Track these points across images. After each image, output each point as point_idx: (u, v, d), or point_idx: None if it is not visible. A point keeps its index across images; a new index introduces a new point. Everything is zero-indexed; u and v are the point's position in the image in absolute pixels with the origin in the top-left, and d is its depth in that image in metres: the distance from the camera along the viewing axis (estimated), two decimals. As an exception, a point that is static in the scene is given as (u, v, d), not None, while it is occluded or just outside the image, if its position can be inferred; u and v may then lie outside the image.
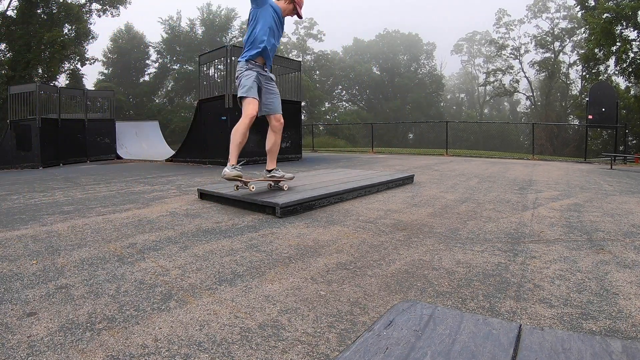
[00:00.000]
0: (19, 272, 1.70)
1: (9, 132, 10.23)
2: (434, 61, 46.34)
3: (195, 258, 1.89)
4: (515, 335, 0.64)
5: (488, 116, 47.16)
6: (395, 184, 4.17)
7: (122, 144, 12.36)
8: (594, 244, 2.11)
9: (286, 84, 8.90)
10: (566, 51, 36.34)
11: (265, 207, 2.85)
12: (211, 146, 7.89)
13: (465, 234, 2.32)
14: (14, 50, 20.94)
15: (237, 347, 1.11)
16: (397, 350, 0.60)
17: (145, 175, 6.07)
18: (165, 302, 1.40)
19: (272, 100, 3.22)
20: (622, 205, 3.31)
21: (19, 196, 4.00)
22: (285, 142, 8.68)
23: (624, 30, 17.46)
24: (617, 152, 9.94)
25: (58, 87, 13.23)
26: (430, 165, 7.50)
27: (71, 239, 2.24)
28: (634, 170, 7.67)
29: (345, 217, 2.76)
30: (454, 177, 5.37)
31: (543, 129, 28.20)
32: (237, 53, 7.88)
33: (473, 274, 1.67)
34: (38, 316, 1.29)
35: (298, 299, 1.43)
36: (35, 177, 6.56)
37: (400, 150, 14.86)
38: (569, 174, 6.19)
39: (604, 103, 10.07)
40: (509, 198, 3.59)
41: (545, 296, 1.44)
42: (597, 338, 0.64)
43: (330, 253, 1.96)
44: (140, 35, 36.17)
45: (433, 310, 0.74)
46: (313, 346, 1.11)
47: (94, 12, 24.35)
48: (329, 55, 43.41)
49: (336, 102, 45.40)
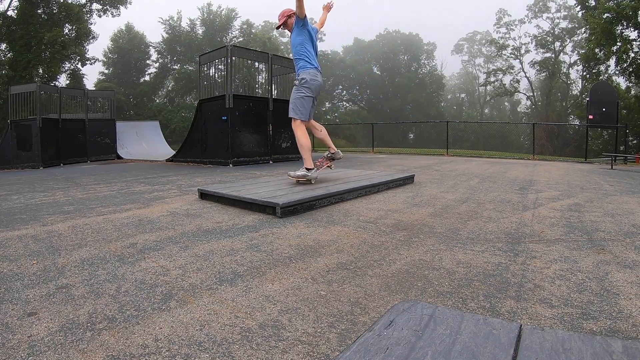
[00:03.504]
0: (19, 272, 1.70)
1: (9, 132, 10.23)
2: (434, 61, 46.36)
3: (196, 258, 1.89)
4: (516, 335, 0.64)
5: (488, 116, 47.15)
6: (396, 184, 4.17)
7: (123, 144, 12.37)
8: (594, 244, 2.11)
9: (286, 83, 8.91)
10: (567, 51, 36.35)
11: (265, 207, 2.85)
12: (212, 146, 7.90)
13: (466, 234, 2.32)
14: (15, 50, 20.96)
15: (237, 347, 1.11)
16: (397, 350, 0.60)
17: (146, 175, 6.07)
18: (165, 302, 1.40)
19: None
20: (623, 205, 3.30)
21: (19, 196, 4.01)
22: (285, 142, 8.68)
23: (625, 30, 17.45)
24: (618, 152, 9.93)
25: (58, 87, 13.22)
26: (431, 165, 7.50)
27: (72, 238, 2.24)
28: (635, 170, 7.66)
29: (346, 217, 2.76)
30: (455, 177, 5.37)
31: (543, 129, 28.18)
32: (237, 53, 7.90)
33: (473, 274, 1.66)
34: (38, 316, 1.29)
35: (298, 299, 1.43)
36: (35, 177, 6.57)
37: (400, 150, 14.85)
38: (570, 174, 6.18)
39: (605, 103, 10.06)
40: (510, 198, 3.59)
41: (545, 296, 1.44)
42: (598, 338, 0.64)
43: (331, 253, 1.96)
44: (141, 35, 36.19)
45: (433, 310, 0.74)
46: (313, 346, 1.11)
47: (95, 12, 24.41)
48: (330, 55, 43.42)
49: (336, 102, 45.41)
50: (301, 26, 3.58)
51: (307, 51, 3.63)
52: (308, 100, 3.61)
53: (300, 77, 3.60)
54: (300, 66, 3.64)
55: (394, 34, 45.98)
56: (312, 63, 3.63)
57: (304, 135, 3.57)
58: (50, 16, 22.16)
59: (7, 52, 21.64)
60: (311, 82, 3.59)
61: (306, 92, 3.60)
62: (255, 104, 8.06)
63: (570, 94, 36.63)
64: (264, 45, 34.20)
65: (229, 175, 5.68)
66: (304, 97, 3.59)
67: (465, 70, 50.58)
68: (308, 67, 3.61)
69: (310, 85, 3.60)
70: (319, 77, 3.68)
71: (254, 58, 8.75)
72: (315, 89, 3.65)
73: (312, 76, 3.60)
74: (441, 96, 46.61)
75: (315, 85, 3.63)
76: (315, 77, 3.62)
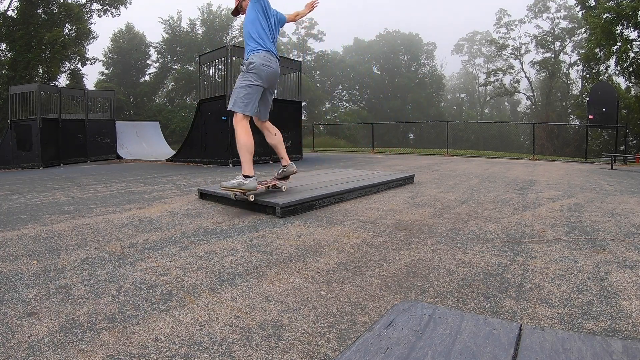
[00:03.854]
0: (19, 272, 1.70)
1: (9, 132, 10.23)
2: (434, 61, 46.39)
3: (196, 258, 1.89)
4: (516, 335, 0.64)
5: (488, 116, 47.13)
6: (396, 184, 4.17)
7: (123, 144, 12.36)
8: (594, 244, 2.11)
9: (286, 83, 8.91)
10: (567, 51, 36.36)
11: (265, 207, 2.85)
12: (212, 146, 7.90)
13: (466, 234, 2.32)
14: (15, 50, 20.96)
15: (237, 347, 1.11)
16: (397, 350, 0.60)
17: (146, 175, 6.07)
18: (165, 302, 1.40)
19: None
20: (623, 205, 3.30)
21: (19, 196, 4.01)
22: (285, 142, 8.65)
23: (625, 30, 17.45)
24: (618, 152, 9.93)
25: (58, 87, 13.22)
26: (431, 165, 7.50)
27: (72, 238, 2.24)
28: (635, 170, 7.66)
29: (346, 217, 2.76)
30: (455, 177, 5.37)
31: (543, 129, 28.17)
32: (237, 53, 7.89)
33: (473, 274, 1.66)
34: (38, 316, 1.29)
35: (298, 299, 1.43)
36: (35, 177, 6.57)
37: (400, 150, 14.85)
38: (570, 174, 6.18)
39: (605, 103, 10.06)
40: (510, 198, 3.59)
41: (545, 296, 1.44)
42: (598, 338, 0.64)
43: (331, 253, 1.96)
44: (141, 35, 36.20)
45: (433, 310, 0.74)
46: (313, 346, 1.11)
47: (95, 12, 24.41)
48: (329, 55, 43.45)
49: (336, 102, 45.44)
50: (255, 1, 2.91)
51: (260, 29, 2.89)
52: (255, 90, 2.85)
53: (248, 61, 2.85)
54: (250, 48, 2.88)
55: (394, 34, 46.00)
56: (265, 45, 2.89)
57: (244, 133, 2.83)
58: (50, 16, 22.17)
59: (7, 52, 21.65)
60: (261, 67, 2.83)
61: (253, 79, 2.83)
62: (255, 104, 8.04)
63: (570, 94, 36.64)
64: (264, 45, 34.13)
65: (229, 175, 5.67)
66: (250, 86, 2.82)
67: (465, 70, 50.59)
68: (259, 49, 2.86)
69: (260, 72, 2.83)
70: (274, 63, 2.93)
71: (254, 58, 8.74)
72: (267, 78, 2.89)
73: (263, 60, 2.84)
74: (441, 96, 46.62)
75: (267, 73, 2.87)
76: (268, 63, 2.87)
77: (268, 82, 2.93)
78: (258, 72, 2.84)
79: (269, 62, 2.88)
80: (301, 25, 41.96)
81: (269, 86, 3.00)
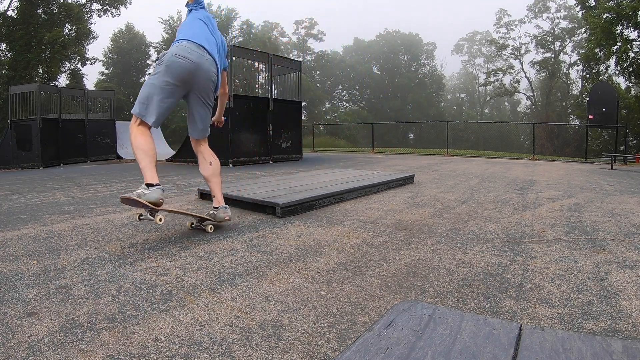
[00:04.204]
0: (19, 272, 1.70)
1: (9, 132, 10.22)
2: (434, 61, 46.41)
3: (196, 258, 1.89)
4: (516, 335, 0.64)
5: (488, 116, 47.12)
6: (396, 184, 4.17)
7: (123, 144, 12.35)
8: (594, 244, 2.11)
9: (286, 83, 8.91)
10: (567, 51, 36.37)
11: (265, 207, 2.85)
12: (211, 146, 7.87)
13: (466, 234, 2.32)
14: (15, 50, 20.95)
15: (237, 347, 1.11)
16: (397, 350, 0.60)
17: (146, 175, 6.06)
18: (165, 302, 1.40)
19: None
20: (623, 205, 3.30)
21: (19, 196, 4.01)
22: (285, 142, 8.68)
23: (625, 30, 17.44)
24: (618, 152, 9.94)
25: (58, 87, 13.22)
26: (431, 165, 7.50)
27: (72, 239, 2.24)
28: (635, 170, 7.66)
29: (346, 217, 2.76)
30: (455, 177, 5.37)
31: (543, 129, 28.17)
32: (237, 53, 7.90)
33: (473, 274, 1.66)
34: (38, 316, 1.29)
35: (298, 299, 1.43)
36: (35, 177, 6.56)
37: (400, 150, 14.85)
38: (570, 174, 6.18)
39: (605, 103, 10.06)
40: (510, 198, 3.59)
41: (545, 296, 1.44)
42: (598, 338, 0.64)
43: (331, 253, 1.96)
44: (141, 35, 36.21)
45: (433, 310, 0.74)
46: (313, 346, 1.11)
47: (95, 12, 24.38)
48: (329, 55, 43.45)
49: (336, 102, 45.45)
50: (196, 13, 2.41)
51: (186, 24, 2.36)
52: (159, 90, 2.12)
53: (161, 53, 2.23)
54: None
55: (394, 34, 46.00)
56: (186, 36, 2.24)
57: (141, 136, 2.14)
58: (50, 16, 22.16)
59: (7, 52, 21.63)
60: (172, 58, 2.12)
61: (160, 75, 2.12)
62: (255, 104, 8.06)
63: (570, 94, 36.65)
64: (264, 45, 34.22)
65: (229, 175, 5.68)
66: (154, 84, 2.13)
67: (465, 70, 50.57)
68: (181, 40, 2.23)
69: (170, 64, 2.11)
70: (196, 56, 2.16)
71: (254, 58, 8.75)
72: (180, 74, 2.13)
73: (178, 50, 2.14)
74: (441, 96, 46.63)
75: (181, 67, 2.12)
76: (185, 54, 2.14)
77: (182, 80, 2.14)
78: (168, 64, 2.11)
79: (188, 53, 2.14)
80: (301, 25, 42.01)
81: (191, 88, 2.22)
